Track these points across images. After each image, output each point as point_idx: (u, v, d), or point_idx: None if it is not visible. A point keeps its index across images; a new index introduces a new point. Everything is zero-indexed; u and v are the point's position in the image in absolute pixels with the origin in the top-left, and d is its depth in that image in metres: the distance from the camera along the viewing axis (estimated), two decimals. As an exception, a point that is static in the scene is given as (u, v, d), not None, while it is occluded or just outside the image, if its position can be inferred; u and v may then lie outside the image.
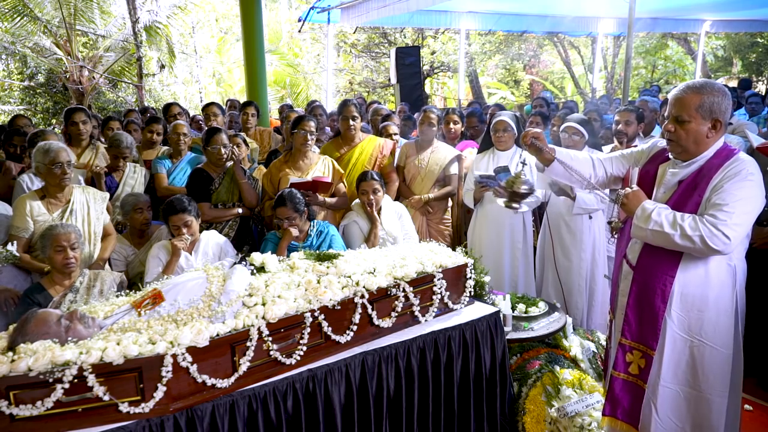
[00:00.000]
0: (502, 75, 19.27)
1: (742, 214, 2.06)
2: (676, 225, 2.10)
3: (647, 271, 2.30)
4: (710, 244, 2.04)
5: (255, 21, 7.04)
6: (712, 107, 2.12)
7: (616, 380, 2.39)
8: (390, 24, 12.55)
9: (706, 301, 2.19)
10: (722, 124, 2.15)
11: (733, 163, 2.11)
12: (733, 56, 17.91)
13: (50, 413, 1.82)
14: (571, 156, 2.52)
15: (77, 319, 2.08)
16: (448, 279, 2.69)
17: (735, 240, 2.05)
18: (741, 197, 2.06)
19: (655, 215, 2.15)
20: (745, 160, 2.12)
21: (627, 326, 2.36)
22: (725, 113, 2.14)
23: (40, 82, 12.46)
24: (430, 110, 4.44)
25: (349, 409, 2.34)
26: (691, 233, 2.07)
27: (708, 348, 2.20)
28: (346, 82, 16.46)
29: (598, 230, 3.91)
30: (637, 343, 2.33)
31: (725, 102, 2.13)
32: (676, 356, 2.25)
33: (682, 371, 2.25)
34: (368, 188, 3.68)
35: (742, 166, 2.10)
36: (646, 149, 2.49)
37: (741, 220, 2.05)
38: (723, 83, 10.49)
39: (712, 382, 2.21)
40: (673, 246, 2.15)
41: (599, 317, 3.99)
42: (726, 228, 2.03)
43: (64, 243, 2.85)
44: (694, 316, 2.21)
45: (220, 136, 3.80)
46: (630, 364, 2.35)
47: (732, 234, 2.03)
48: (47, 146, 3.22)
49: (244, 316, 2.14)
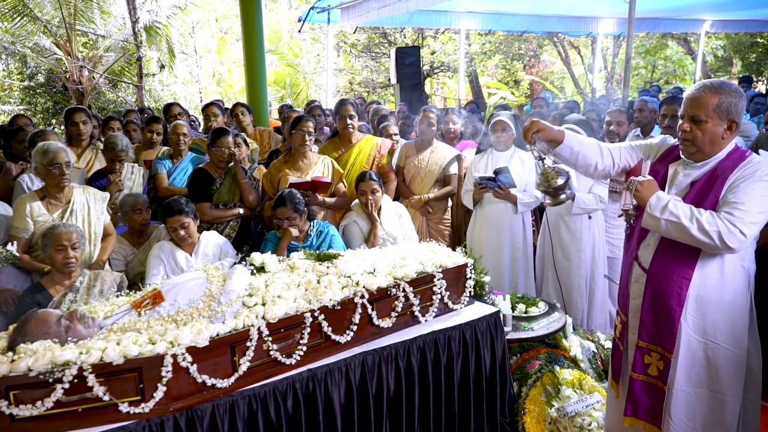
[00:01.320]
0: (502, 75, 19.26)
1: (758, 213, 2.06)
2: (693, 218, 2.09)
3: (662, 275, 2.26)
4: (726, 240, 2.04)
5: (255, 21, 7.04)
6: (729, 108, 2.10)
7: (636, 381, 2.37)
8: (390, 24, 12.54)
9: (721, 304, 2.18)
10: (737, 125, 2.14)
11: (749, 164, 2.12)
12: (733, 56, 17.90)
13: (50, 413, 1.83)
14: (579, 140, 2.49)
15: (77, 319, 2.08)
16: (448, 279, 2.70)
17: (749, 238, 2.06)
18: (757, 196, 2.06)
19: (671, 206, 2.13)
20: (760, 161, 2.12)
21: (643, 329, 2.33)
22: (740, 114, 2.13)
23: (40, 82, 12.46)
24: (429, 110, 4.44)
25: (349, 409, 2.34)
26: (708, 228, 2.06)
27: (723, 349, 2.19)
28: (346, 82, 16.46)
29: (598, 230, 3.91)
30: (654, 346, 2.31)
31: (741, 103, 2.12)
32: (690, 359, 2.23)
33: (696, 373, 2.24)
34: (367, 188, 3.68)
35: (757, 166, 2.10)
36: (655, 144, 2.46)
37: (756, 219, 2.06)
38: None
39: (726, 382, 2.20)
40: (687, 239, 2.12)
41: (599, 317, 3.99)
42: (743, 225, 2.03)
43: (66, 242, 2.85)
44: (709, 319, 2.19)
45: (226, 139, 3.79)
46: (649, 365, 2.32)
47: (748, 232, 2.04)
48: (46, 146, 3.22)
49: (244, 316, 2.14)
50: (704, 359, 2.22)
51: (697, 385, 2.24)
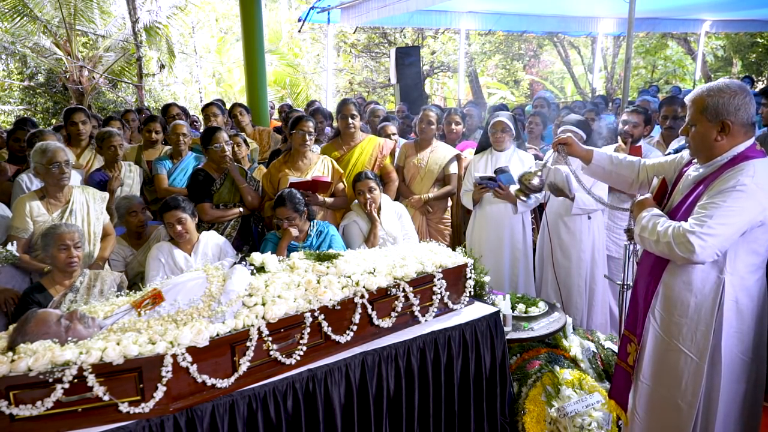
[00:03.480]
0: (502, 75, 19.27)
1: (719, 225, 1.96)
2: (655, 231, 2.09)
3: (645, 268, 2.34)
4: (676, 251, 2.01)
5: (255, 21, 7.04)
6: (718, 109, 2.02)
7: (618, 367, 2.50)
8: (390, 24, 12.54)
9: (686, 308, 2.16)
10: (730, 126, 2.04)
11: (733, 171, 2.02)
12: (733, 56, 17.90)
13: (50, 413, 1.82)
14: (612, 160, 2.56)
15: (77, 319, 2.08)
16: (448, 279, 2.69)
17: (705, 250, 1.97)
18: (723, 207, 1.97)
19: (644, 221, 2.16)
20: (745, 169, 2.00)
21: (628, 317, 2.45)
22: (736, 113, 2.03)
23: (40, 82, 12.47)
24: (428, 110, 4.43)
25: (349, 409, 2.34)
26: (662, 239, 2.05)
27: (683, 354, 2.17)
28: (346, 82, 16.46)
29: (598, 230, 3.91)
30: (632, 336, 2.40)
31: (734, 101, 2.01)
32: (654, 354, 2.28)
33: (658, 370, 2.27)
34: (364, 188, 3.67)
35: (739, 174, 1.99)
36: (680, 157, 2.46)
37: (717, 231, 1.96)
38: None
39: (683, 389, 2.18)
40: (655, 252, 2.15)
41: (599, 317, 3.98)
42: (693, 237, 1.96)
43: (68, 242, 2.85)
44: (674, 321, 2.20)
45: (221, 134, 3.80)
46: (629, 354, 2.41)
47: (700, 243, 1.95)
48: (45, 146, 3.22)
49: (244, 316, 2.14)
50: (665, 358, 2.24)
51: (656, 382, 2.28)
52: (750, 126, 2.08)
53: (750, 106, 2.06)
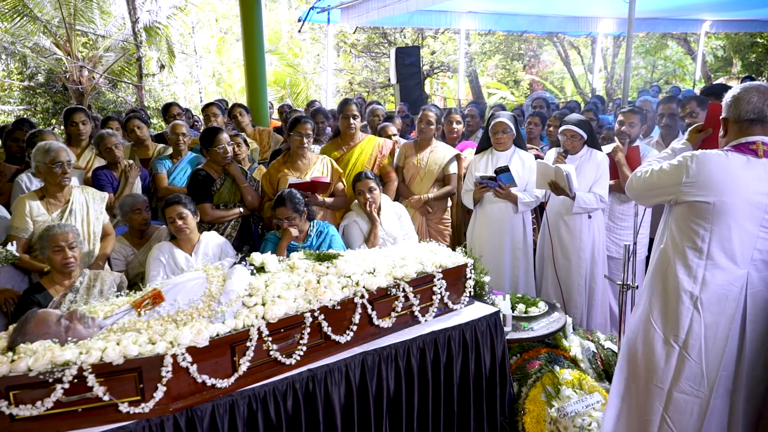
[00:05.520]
0: (502, 75, 19.25)
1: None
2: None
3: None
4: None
5: (255, 21, 7.03)
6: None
7: None
8: (390, 24, 12.53)
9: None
10: (727, 122, 2.18)
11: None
12: (733, 56, 17.88)
13: (50, 413, 1.83)
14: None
15: (77, 319, 2.08)
16: (448, 279, 2.69)
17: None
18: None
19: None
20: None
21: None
22: (729, 110, 2.16)
23: (39, 82, 12.46)
24: (428, 109, 4.43)
25: (349, 409, 2.34)
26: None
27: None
28: (346, 82, 16.45)
29: (598, 230, 3.91)
30: None
31: (729, 99, 2.16)
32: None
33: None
34: (363, 188, 3.67)
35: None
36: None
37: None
38: (723, 83, 10.45)
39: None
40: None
41: (599, 317, 3.99)
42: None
43: (62, 243, 2.84)
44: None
45: (222, 135, 3.80)
46: None
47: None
48: (47, 146, 3.23)
49: (244, 316, 2.14)
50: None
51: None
52: (735, 122, 2.24)
53: (745, 104, 2.22)
